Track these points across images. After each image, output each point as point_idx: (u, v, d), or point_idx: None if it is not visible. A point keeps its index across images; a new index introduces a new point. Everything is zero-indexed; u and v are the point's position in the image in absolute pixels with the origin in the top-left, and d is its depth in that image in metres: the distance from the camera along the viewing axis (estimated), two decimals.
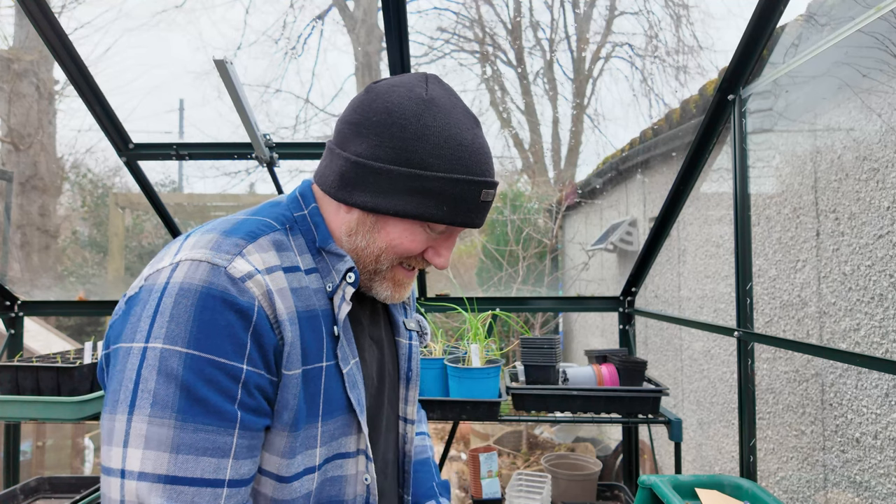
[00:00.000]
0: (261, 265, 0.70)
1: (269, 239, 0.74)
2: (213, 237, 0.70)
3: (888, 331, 1.71)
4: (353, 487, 0.78)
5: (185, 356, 0.62)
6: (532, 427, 5.35)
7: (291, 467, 0.71)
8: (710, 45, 6.81)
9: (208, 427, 0.62)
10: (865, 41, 1.76)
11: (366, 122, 0.75)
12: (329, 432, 0.75)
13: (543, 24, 7.98)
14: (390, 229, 0.77)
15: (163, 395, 0.61)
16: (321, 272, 0.78)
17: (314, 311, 0.74)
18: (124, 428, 0.61)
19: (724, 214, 2.91)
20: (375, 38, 7.55)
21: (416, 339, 0.98)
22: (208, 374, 0.63)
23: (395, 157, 0.73)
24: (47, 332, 5.11)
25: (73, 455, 4.44)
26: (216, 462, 0.63)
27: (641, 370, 1.98)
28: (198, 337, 0.62)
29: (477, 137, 0.78)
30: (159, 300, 0.64)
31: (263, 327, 0.67)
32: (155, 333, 0.63)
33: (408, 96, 0.76)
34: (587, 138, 8.11)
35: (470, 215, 0.77)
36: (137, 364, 0.62)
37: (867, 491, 1.79)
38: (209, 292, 0.64)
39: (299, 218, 0.80)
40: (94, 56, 7.35)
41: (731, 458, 2.77)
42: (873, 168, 1.80)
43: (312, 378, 0.73)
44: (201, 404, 0.62)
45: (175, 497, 0.60)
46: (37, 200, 6.60)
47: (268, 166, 2.15)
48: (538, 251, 6.50)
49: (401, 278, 0.83)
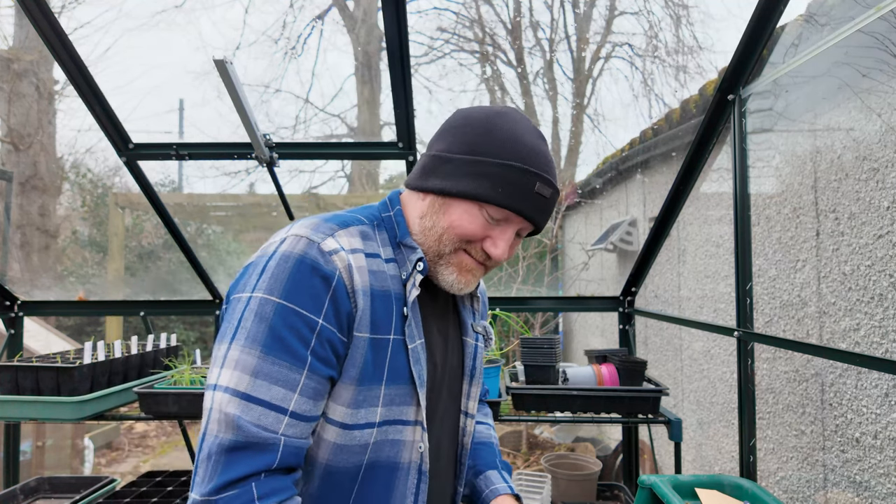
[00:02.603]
0: (347, 246, 0.84)
1: (357, 229, 0.89)
2: (316, 221, 0.86)
3: (888, 331, 1.71)
4: (409, 452, 0.88)
5: (276, 305, 0.77)
6: (532, 427, 5.35)
7: (355, 417, 0.83)
8: (709, 45, 6.81)
9: (283, 363, 0.76)
10: (865, 41, 1.76)
11: (447, 127, 0.92)
12: (390, 396, 0.86)
13: (543, 24, 7.97)
14: (453, 211, 0.88)
15: (254, 331, 0.76)
16: (398, 262, 0.91)
17: (388, 292, 0.87)
18: (224, 353, 0.77)
19: (724, 214, 2.91)
20: (375, 38, 7.54)
21: (481, 342, 1.08)
22: (291, 321, 0.77)
23: (464, 148, 0.87)
24: (47, 332, 5.11)
25: (72, 455, 4.44)
26: (284, 392, 0.76)
27: (641, 370, 1.98)
28: (289, 291, 0.78)
29: (539, 143, 0.89)
30: (266, 263, 0.80)
31: (341, 293, 0.81)
32: (259, 286, 0.79)
33: (484, 109, 0.91)
34: (587, 138, 8.11)
35: (524, 203, 0.86)
36: (243, 307, 0.78)
37: (867, 491, 1.80)
38: (303, 259, 0.79)
39: (385, 218, 0.95)
40: (94, 56, 7.34)
41: (731, 457, 2.77)
42: (873, 168, 1.80)
43: (381, 346, 0.85)
44: (282, 343, 0.76)
45: (246, 411, 0.74)
46: (37, 200, 6.60)
47: (268, 166, 2.15)
48: (538, 251, 6.49)
49: (466, 264, 0.91)
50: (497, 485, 1.08)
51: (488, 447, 1.16)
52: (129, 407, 2.16)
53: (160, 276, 7.92)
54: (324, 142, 3.72)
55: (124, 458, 5.42)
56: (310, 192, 7.92)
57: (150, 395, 1.91)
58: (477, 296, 1.07)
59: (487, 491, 1.07)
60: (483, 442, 1.17)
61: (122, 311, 3.00)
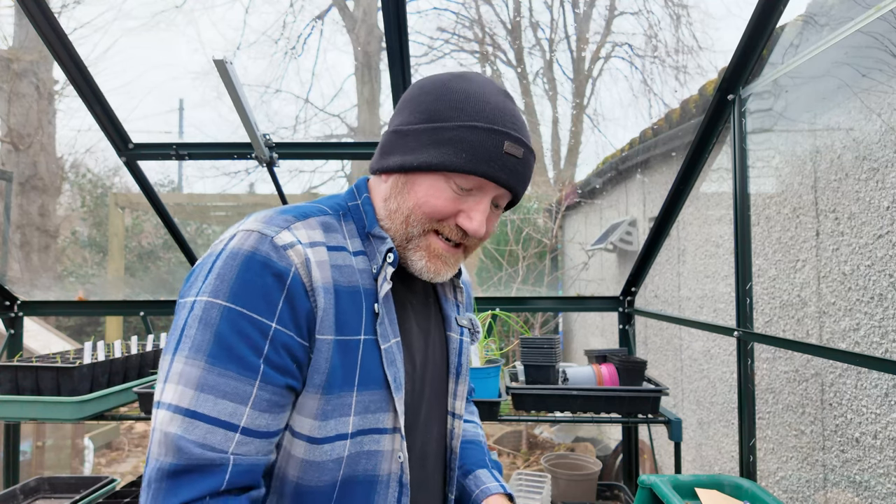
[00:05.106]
0: (305, 239, 0.76)
1: (318, 220, 0.81)
2: (270, 214, 0.78)
3: (888, 331, 1.71)
4: (389, 464, 0.80)
5: (223, 308, 0.69)
6: (532, 427, 5.35)
7: (323, 430, 0.75)
8: (709, 45, 6.81)
9: (231, 373, 0.68)
10: (865, 41, 1.76)
11: (404, 99, 0.84)
12: (363, 403, 0.77)
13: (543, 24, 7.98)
14: (417, 188, 0.80)
15: (199, 340, 0.68)
16: (368, 255, 0.83)
17: (356, 288, 0.79)
18: (167, 367, 0.69)
19: (724, 214, 2.91)
20: (375, 38, 7.54)
21: (466, 336, 0.99)
22: (240, 327, 0.69)
23: (422, 117, 0.79)
24: (47, 332, 5.11)
25: (72, 455, 4.44)
26: (233, 407, 0.68)
27: (641, 370, 1.98)
28: (237, 293, 0.69)
29: (504, 100, 0.80)
30: (213, 263, 0.72)
31: (297, 292, 0.72)
32: (204, 289, 0.70)
33: (441, 75, 0.83)
34: (587, 138, 8.12)
35: (492, 165, 0.77)
36: (186, 314, 0.70)
37: (867, 490, 1.80)
38: (253, 256, 0.71)
39: (353, 207, 0.87)
40: (94, 56, 7.36)
41: (730, 457, 2.77)
42: (873, 168, 1.80)
43: (350, 349, 0.77)
44: (230, 352, 0.68)
45: (189, 430, 0.66)
46: (36, 200, 6.60)
47: (267, 166, 2.15)
48: (538, 251, 6.49)
49: (436, 248, 0.83)
50: (488, 484, 1.00)
51: (476, 445, 1.09)
52: (129, 407, 2.17)
53: (160, 276, 7.92)
54: (324, 142, 3.72)
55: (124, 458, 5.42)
56: (310, 193, 7.93)
57: (150, 394, 1.91)
58: (460, 286, 0.99)
59: (478, 491, 0.99)
60: (471, 441, 1.09)
61: (122, 311, 3.00)
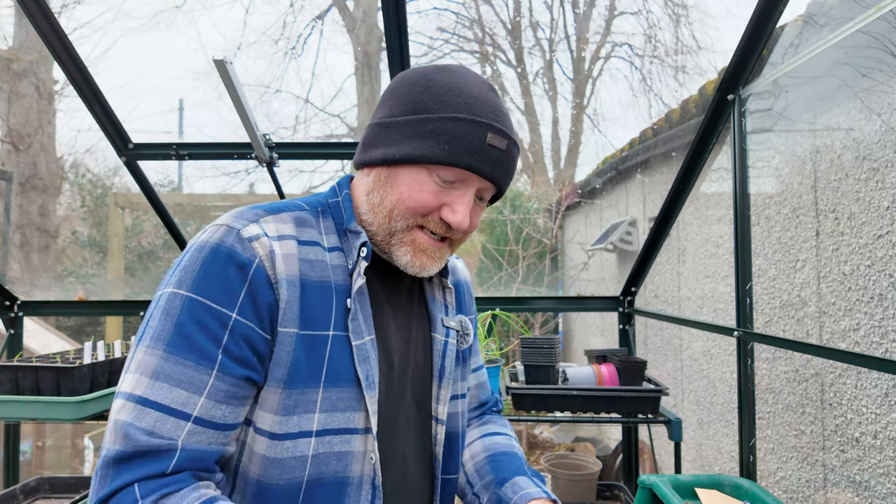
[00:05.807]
0: (273, 232, 0.76)
1: (291, 215, 0.81)
2: (243, 209, 0.79)
3: (888, 330, 1.71)
4: (361, 465, 0.78)
5: (185, 298, 0.70)
6: (532, 427, 5.35)
7: (285, 426, 0.73)
8: (709, 45, 6.82)
9: (188, 363, 0.68)
10: (865, 41, 1.76)
11: (387, 92, 0.84)
12: (331, 401, 0.76)
13: (543, 24, 7.99)
14: (400, 181, 0.80)
15: (160, 329, 0.69)
16: (345, 251, 0.83)
17: (327, 283, 0.79)
18: (131, 357, 0.70)
19: (724, 214, 2.91)
20: (375, 38, 7.54)
21: (453, 338, 0.95)
22: (199, 316, 0.69)
23: (404, 109, 0.79)
24: (47, 332, 5.11)
25: (72, 455, 4.44)
26: (187, 396, 0.68)
27: (641, 370, 1.98)
28: (199, 283, 0.70)
29: (486, 92, 0.80)
30: (183, 257, 0.74)
31: (260, 283, 0.73)
32: (170, 281, 0.72)
33: (424, 67, 0.83)
34: (587, 138, 8.12)
35: (474, 157, 0.77)
36: (153, 306, 0.72)
37: (867, 490, 1.80)
38: (219, 248, 0.72)
39: (332, 204, 0.87)
40: (94, 56, 7.36)
41: (730, 457, 2.77)
42: (873, 168, 1.80)
43: (316, 344, 0.76)
44: (188, 341, 0.69)
45: (140, 418, 0.66)
46: (36, 200, 6.60)
47: (267, 166, 2.15)
48: (538, 251, 6.50)
49: (421, 242, 0.82)
50: (528, 489, 0.90)
51: (512, 456, 1.00)
52: None
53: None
54: (324, 142, 3.72)
55: None
56: (310, 192, 7.93)
57: None
58: (449, 287, 0.97)
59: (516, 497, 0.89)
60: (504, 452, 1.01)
61: (122, 311, 3.00)
